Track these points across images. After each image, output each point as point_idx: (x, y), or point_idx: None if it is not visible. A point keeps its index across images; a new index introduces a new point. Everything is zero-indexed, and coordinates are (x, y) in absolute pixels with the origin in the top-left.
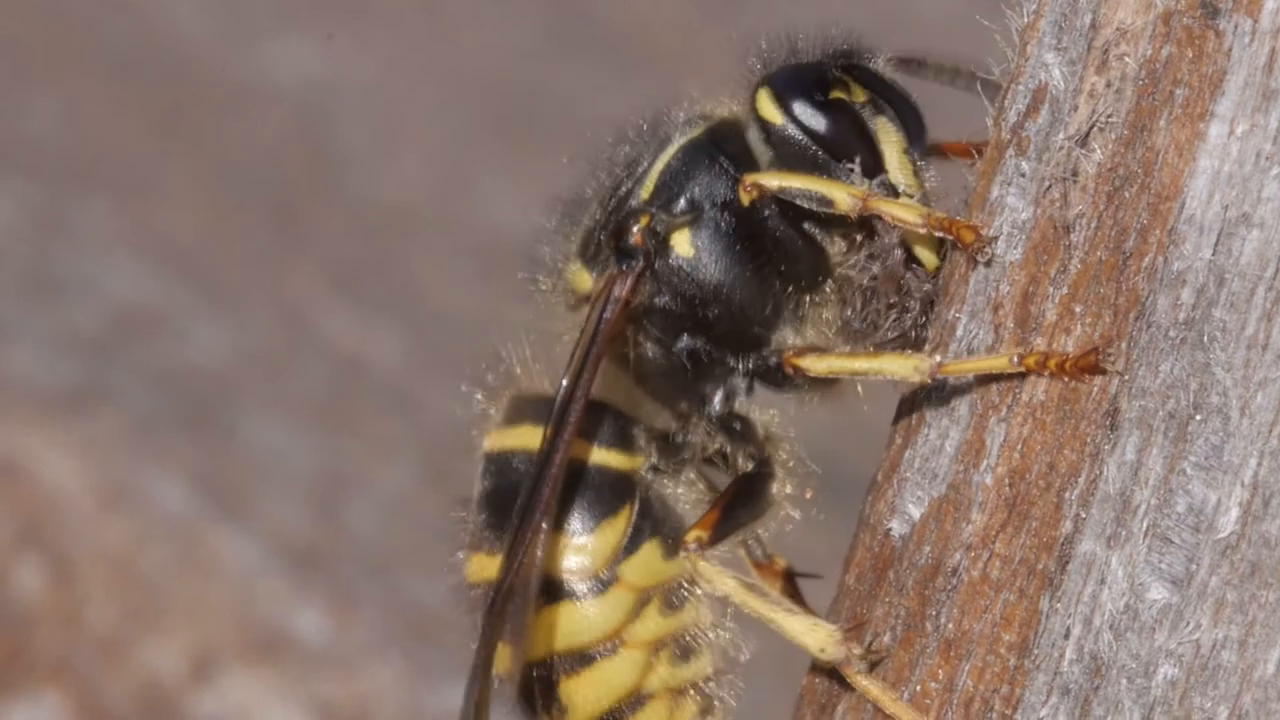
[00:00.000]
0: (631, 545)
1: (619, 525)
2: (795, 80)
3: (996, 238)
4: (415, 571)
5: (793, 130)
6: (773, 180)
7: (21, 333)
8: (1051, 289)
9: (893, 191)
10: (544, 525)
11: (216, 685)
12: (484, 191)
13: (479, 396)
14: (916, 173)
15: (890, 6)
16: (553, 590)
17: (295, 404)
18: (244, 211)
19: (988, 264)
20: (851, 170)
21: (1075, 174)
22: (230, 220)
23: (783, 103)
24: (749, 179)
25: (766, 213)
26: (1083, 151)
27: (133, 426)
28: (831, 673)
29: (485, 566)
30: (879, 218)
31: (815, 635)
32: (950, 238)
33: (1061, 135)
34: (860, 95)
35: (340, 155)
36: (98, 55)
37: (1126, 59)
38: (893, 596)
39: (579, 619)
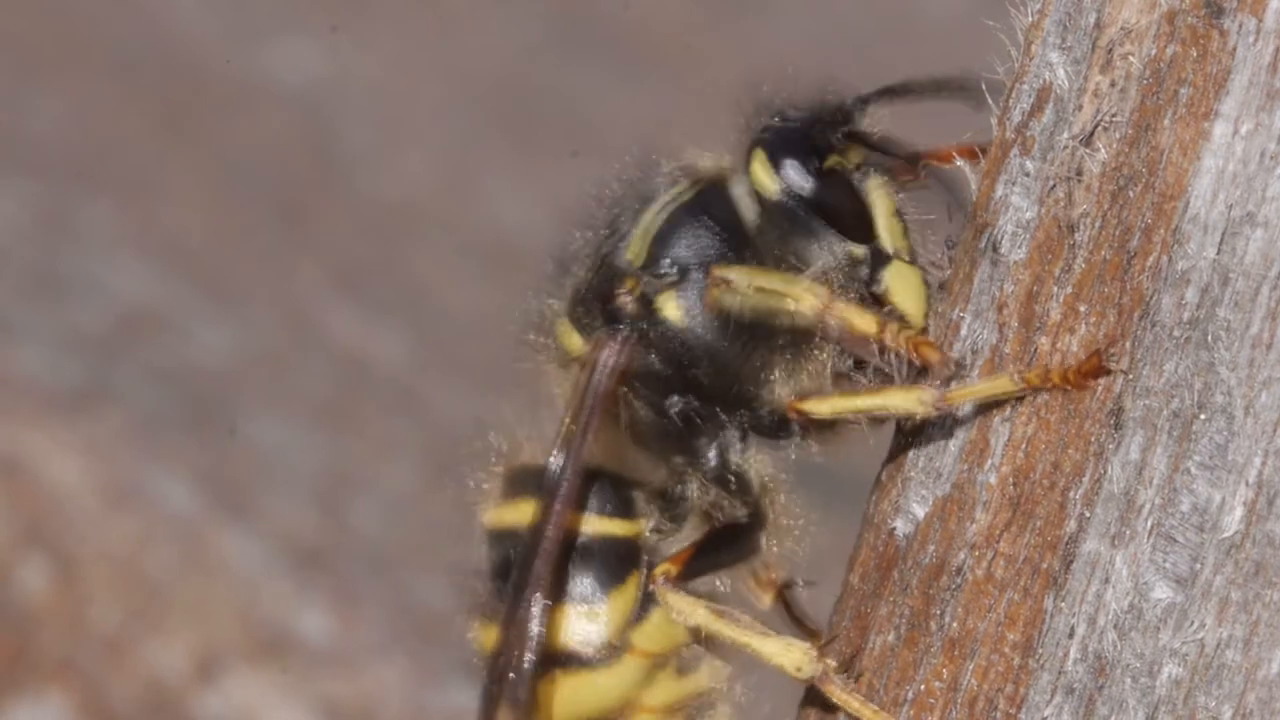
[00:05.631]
0: (641, 612)
1: (627, 593)
2: (789, 146)
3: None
4: (420, 571)
5: (785, 199)
6: (741, 277)
7: (25, 332)
8: (1056, 288)
9: (885, 259)
10: (540, 600)
11: (220, 685)
12: (488, 190)
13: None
14: (906, 234)
15: (895, 6)
16: (566, 660)
17: (299, 403)
18: (248, 210)
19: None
20: (846, 245)
21: (1080, 173)
22: (234, 219)
23: (777, 169)
24: (717, 272)
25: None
26: (1087, 151)
27: (137, 426)
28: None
29: (495, 637)
30: (840, 322)
31: (790, 656)
32: (911, 356)
33: (1066, 134)
34: (856, 157)
35: (344, 154)
36: (102, 54)
37: (1131, 58)
38: (897, 595)
39: (593, 688)
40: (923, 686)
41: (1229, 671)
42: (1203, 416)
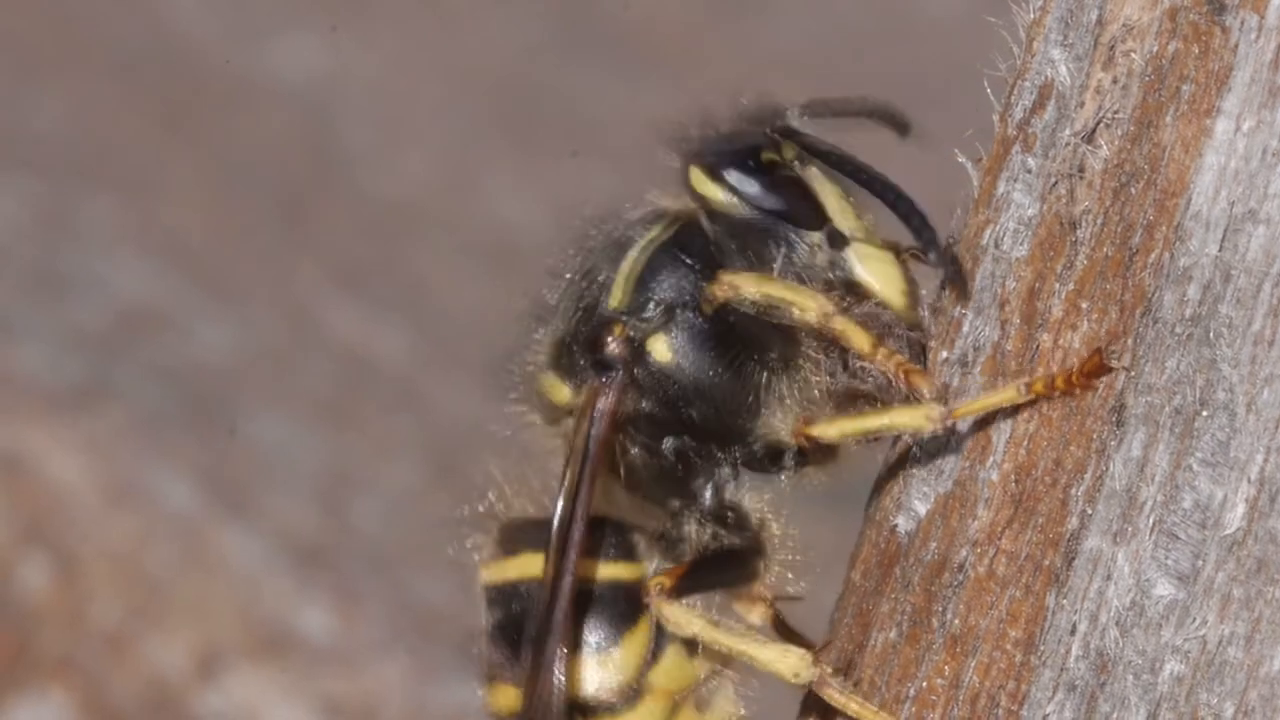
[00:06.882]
0: (656, 652)
1: (640, 635)
2: (720, 152)
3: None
4: (421, 569)
5: (732, 203)
6: (750, 284)
7: (26, 330)
8: (1058, 285)
9: (842, 240)
10: (561, 651)
11: (222, 682)
12: (489, 188)
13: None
14: (859, 215)
15: (895, 6)
16: (589, 709)
17: (301, 401)
18: (249, 208)
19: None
20: (803, 234)
21: (1081, 170)
22: (235, 217)
23: (716, 176)
24: (726, 277)
25: (737, 306)
26: (1089, 148)
27: (138, 423)
28: None
29: (509, 696)
30: (837, 335)
31: (787, 661)
32: (901, 384)
33: (1068, 131)
34: (790, 152)
35: (345, 152)
36: (103, 52)
37: (1133, 55)
38: (899, 593)
39: None
40: (924, 683)
41: (1231, 668)
42: (1205, 413)
